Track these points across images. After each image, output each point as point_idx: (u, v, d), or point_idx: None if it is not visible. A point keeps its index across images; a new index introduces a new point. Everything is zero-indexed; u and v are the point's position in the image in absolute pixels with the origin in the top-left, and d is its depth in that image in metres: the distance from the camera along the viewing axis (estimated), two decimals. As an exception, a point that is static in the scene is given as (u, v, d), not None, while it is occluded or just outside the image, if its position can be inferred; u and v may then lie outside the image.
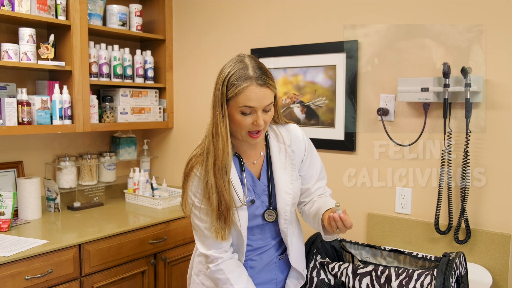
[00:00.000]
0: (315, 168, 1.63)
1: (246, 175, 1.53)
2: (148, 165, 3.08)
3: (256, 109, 1.39)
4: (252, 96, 1.36)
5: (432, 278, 1.51)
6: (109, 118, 2.69)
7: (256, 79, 1.37)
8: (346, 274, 1.66)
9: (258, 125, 1.40)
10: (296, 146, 1.59)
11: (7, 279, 1.84)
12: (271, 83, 1.41)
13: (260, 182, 1.56)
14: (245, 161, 1.55)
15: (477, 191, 1.95)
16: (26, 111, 2.25)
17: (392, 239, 2.17)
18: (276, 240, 1.61)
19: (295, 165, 1.57)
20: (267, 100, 1.40)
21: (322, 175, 1.66)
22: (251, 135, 1.44)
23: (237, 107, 1.39)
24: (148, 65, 2.89)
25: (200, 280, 1.63)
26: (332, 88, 2.32)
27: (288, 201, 1.54)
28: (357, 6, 2.23)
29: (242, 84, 1.36)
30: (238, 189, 1.49)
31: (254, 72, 1.38)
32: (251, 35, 2.62)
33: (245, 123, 1.40)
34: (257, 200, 1.54)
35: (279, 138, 1.58)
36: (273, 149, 1.57)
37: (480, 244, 1.94)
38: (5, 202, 2.19)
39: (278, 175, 1.54)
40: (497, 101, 1.89)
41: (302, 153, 1.60)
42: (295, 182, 1.56)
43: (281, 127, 1.61)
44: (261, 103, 1.38)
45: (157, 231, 2.43)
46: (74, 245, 2.07)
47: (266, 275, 1.61)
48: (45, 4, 2.32)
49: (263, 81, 1.38)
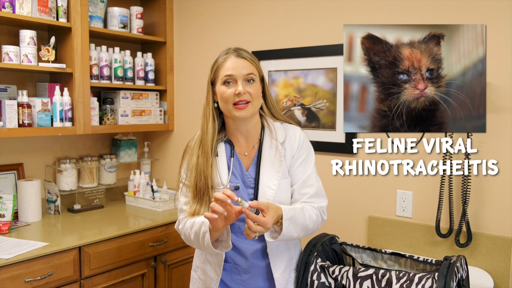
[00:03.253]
0: (303, 172, 1.61)
1: (235, 162, 1.59)
2: (148, 168, 3.08)
3: (235, 77, 1.50)
4: (229, 65, 1.51)
5: (433, 281, 1.51)
6: (109, 121, 2.69)
7: (233, 52, 1.54)
8: (346, 277, 1.65)
9: (240, 93, 1.48)
10: (290, 144, 1.61)
11: (7, 282, 1.84)
12: (248, 56, 1.54)
13: (247, 174, 1.59)
14: (237, 150, 1.62)
15: (478, 195, 1.95)
16: (26, 113, 2.25)
17: (393, 242, 2.16)
18: (261, 244, 1.60)
19: (283, 162, 1.58)
20: (246, 69, 1.51)
21: (310, 182, 1.62)
22: (236, 106, 1.51)
23: (220, 80, 1.53)
24: (148, 68, 2.89)
25: (198, 275, 1.68)
26: (333, 90, 2.32)
27: (269, 196, 1.54)
28: (358, 9, 2.23)
29: (221, 58, 1.54)
30: (223, 172, 1.57)
31: (230, 49, 1.55)
32: (252, 37, 2.62)
33: (227, 94, 1.51)
34: (243, 191, 1.57)
35: (273, 134, 1.60)
36: (264, 144, 1.60)
37: (481, 247, 1.94)
38: (5, 204, 2.19)
39: (264, 170, 1.57)
40: (498, 104, 1.89)
41: (294, 151, 1.61)
42: (281, 179, 1.57)
43: (279, 124, 1.63)
44: (239, 72, 1.50)
45: (158, 233, 2.42)
46: (74, 248, 2.07)
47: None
48: (46, 6, 2.32)
49: (239, 53, 1.53)
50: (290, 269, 1.65)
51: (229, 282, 1.62)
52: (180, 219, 1.61)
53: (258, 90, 1.54)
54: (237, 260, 1.60)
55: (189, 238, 1.54)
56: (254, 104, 1.53)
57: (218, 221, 1.38)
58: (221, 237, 1.49)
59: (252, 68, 1.53)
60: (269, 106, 1.64)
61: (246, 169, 1.60)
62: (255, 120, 1.60)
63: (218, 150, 1.60)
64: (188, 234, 1.54)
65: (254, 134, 1.62)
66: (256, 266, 1.60)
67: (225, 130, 1.64)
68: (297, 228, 1.50)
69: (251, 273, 1.60)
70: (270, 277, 1.60)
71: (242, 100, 1.50)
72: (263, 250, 1.59)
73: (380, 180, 2.20)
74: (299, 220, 1.51)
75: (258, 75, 1.55)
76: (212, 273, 1.62)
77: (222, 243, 1.49)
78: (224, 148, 1.61)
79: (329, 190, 1.84)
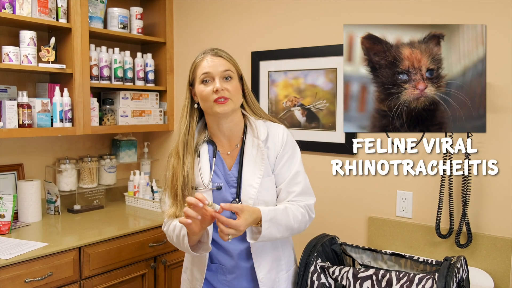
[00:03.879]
0: (289, 170, 1.60)
1: (217, 162, 1.60)
2: (148, 168, 3.08)
3: (213, 75, 1.52)
4: (205, 64, 1.53)
5: (434, 282, 1.51)
6: (109, 121, 2.69)
7: (209, 52, 1.56)
8: (346, 278, 1.65)
9: (217, 90, 1.49)
10: (272, 142, 1.60)
11: (7, 282, 1.83)
12: (225, 54, 1.56)
13: (230, 173, 1.59)
14: (220, 150, 1.62)
15: (478, 195, 1.95)
16: (26, 113, 2.25)
17: (393, 242, 2.16)
18: (246, 244, 1.59)
19: (265, 160, 1.57)
20: (222, 66, 1.53)
21: (297, 180, 1.60)
22: (216, 101, 1.51)
23: (198, 80, 1.54)
24: (148, 68, 2.89)
25: (187, 276, 1.69)
26: (333, 91, 2.32)
27: (252, 195, 1.54)
28: (358, 9, 2.23)
29: (199, 58, 1.56)
30: (205, 172, 1.57)
31: (208, 48, 1.58)
32: (251, 38, 2.62)
33: (206, 92, 1.51)
34: (226, 191, 1.57)
35: (255, 132, 1.60)
36: (247, 143, 1.60)
37: (481, 248, 1.94)
38: (5, 204, 2.19)
39: (245, 168, 1.57)
40: (498, 104, 1.89)
41: (277, 150, 1.60)
42: (264, 178, 1.56)
43: (261, 122, 1.63)
44: (216, 69, 1.52)
45: (157, 234, 2.42)
46: (74, 248, 2.07)
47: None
48: (46, 7, 2.32)
49: (215, 52, 1.55)
50: (277, 270, 1.62)
51: (215, 282, 1.62)
52: (165, 222, 1.61)
53: (236, 86, 1.55)
54: (222, 260, 1.60)
55: (173, 240, 1.55)
56: (234, 100, 1.53)
57: (193, 225, 1.38)
58: (202, 239, 1.49)
59: (229, 65, 1.55)
60: (249, 104, 1.64)
61: (229, 169, 1.60)
62: (237, 119, 1.60)
63: (201, 151, 1.60)
64: (171, 236, 1.55)
65: (236, 133, 1.61)
66: (240, 267, 1.59)
67: (207, 130, 1.64)
68: (279, 228, 1.49)
69: (235, 273, 1.59)
70: (254, 277, 1.59)
71: (221, 97, 1.50)
72: (248, 251, 1.58)
73: (380, 181, 2.20)
74: (282, 221, 1.49)
75: (236, 73, 1.56)
76: (197, 274, 1.62)
77: (203, 245, 1.49)
78: (206, 148, 1.61)
79: (329, 190, 1.84)
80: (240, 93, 1.58)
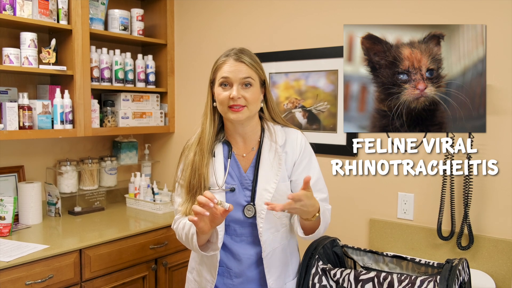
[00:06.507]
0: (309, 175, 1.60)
1: (232, 163, 1.58)
2: (149, 170, 3.08)
3: (232, 81, 1.49)
4: (226, 68, 1.50)
5: (435, 284, 1.50)
6: (110, 123, 2.69)
7: (233, 55, 1.51)
8: (348, 280, 1.64)
9: (233, 97, 1.47)
10: (291, 147, 1.59)
11: (8, 284, 1.83)
12: (248, 60, 1.51)
13: (245, 176, 1.57)
14: (235, 151, 1.60)
15: (479, 197, 1.94)
16: (27, 115, 2.25)
17: (394, 245, 2.15)
18: (257, 250, 1.58)
19: (282, 165, 1.56)
20: (243, 73, 1.49)
21: (319, 187, 1.62)
22: (231, 109, 1.50)
23: (217, 82, 1.52)
24: (149, 70, 2.89)
25: (193, 277, 1.68)
26: (334, 92, 2.31)
27: (266, 199, 1.53)
28: (359, 10, 2.23)
29: (221, 60, 1.53)
30: (219, 173, 1.56)
31: (232, 51, 1.53)
32: (252, 39, 2.62)
33: (222, 96, 1.49)
34: (239, 193, 1.56)
35: (273, 137, 1.59)
36: (264, 146, 1.59)
37: (483, 250, 1.92)
38: (6, 206, 2.19)
39: (261, 172, 1.56)
40: (498, 104, 1.88)
41: (296, 156, 1.59)
42: (280, 183, 1.55)
43: (279, 127, 1.62)
44: (236, 75, 1.48)
45: (158, 236, 2.42)
46: (74, 250, 2.07)
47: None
48: (47, 9, 2.32)
49: (238, 57, 1.51)
50: (284, 276, 1.62)
51: (221, 285, 1.60)
52: (176, 219, 1.60)
53: (255, 94, 1.51)
54: (229, 264, 1.59)
55: (182, 238, 1.54)
56: (250, 108, 1.51)
57: (202, 223, 1.37)
58: (212, 239, 1.49)
59: (251, 72, 1.50)
60: (269, 109, 1.62)
61: (244, 171, 1.58)
62: (253, 123, 1.59)
63: (216, 151, 1.58)
64: (180, 234, 1.54)
65: (252, 136, 1.60)
66: (248, 272, 1.58)
67: (224, 131, 1.63)
68: (323, 224, 1.50)
69: (242, 278, 1.58)
70: (263, 283, 1.58)
71: (236, 104, 1.48)
72: (258, 256, 1.57)
73: (381, 183, 2.19)
74: (326, 218, 1.51)
75: (257, 79, 1.52)
76: (207, 275, 1.61)
77: (212, 245, 1.48)
78: (222, 149, 1.59)
79: (330, 193, 1.82)
80: (258, 101, 1.54)
